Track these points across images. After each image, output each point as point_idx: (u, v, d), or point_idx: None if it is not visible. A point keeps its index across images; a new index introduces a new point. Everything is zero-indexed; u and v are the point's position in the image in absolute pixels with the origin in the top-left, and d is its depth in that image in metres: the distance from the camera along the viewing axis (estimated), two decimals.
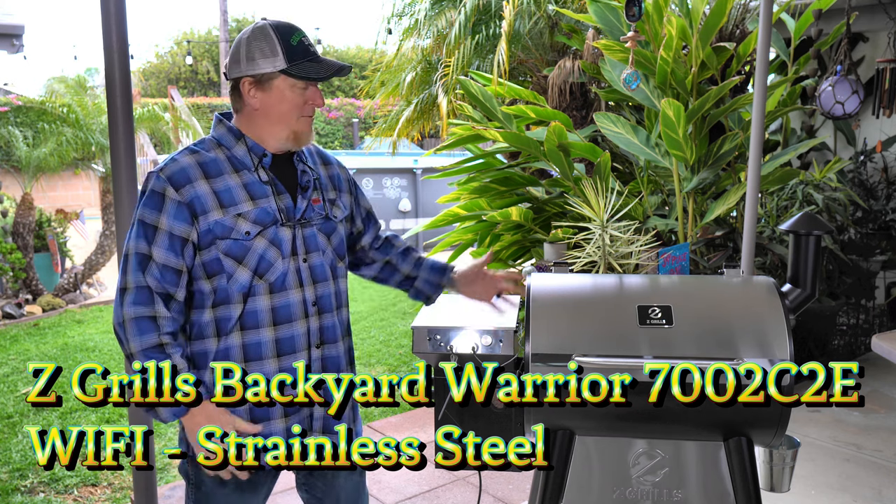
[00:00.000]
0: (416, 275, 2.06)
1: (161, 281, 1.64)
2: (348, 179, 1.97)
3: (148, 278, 1.63)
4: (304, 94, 1.74)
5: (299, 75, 1.69)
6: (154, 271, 1.64)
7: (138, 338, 1.62)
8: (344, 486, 1.95)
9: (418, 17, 6.87)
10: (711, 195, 4.13)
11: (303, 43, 1.72)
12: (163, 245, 1.64)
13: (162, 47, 31.65)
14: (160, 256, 1.64)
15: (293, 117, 1.74)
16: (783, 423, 1.73)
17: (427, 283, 2.06)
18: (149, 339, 1.62)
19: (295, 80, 1.71)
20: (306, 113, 1.75)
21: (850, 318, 5.19)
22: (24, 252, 7.47)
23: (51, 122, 7.81)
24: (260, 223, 1.70)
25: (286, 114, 1.73)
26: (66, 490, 3.45)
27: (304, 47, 1.71)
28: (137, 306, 1.63)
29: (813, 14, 4.76)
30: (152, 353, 1.62)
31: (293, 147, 1.78)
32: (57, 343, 6.09)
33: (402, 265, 2.06)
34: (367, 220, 2.03)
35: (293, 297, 1.73)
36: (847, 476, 3.41)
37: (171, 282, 1.66)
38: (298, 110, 1.74)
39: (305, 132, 1.76)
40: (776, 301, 1.77)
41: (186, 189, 1.66)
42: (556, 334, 1.82)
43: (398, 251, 2.06)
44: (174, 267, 1.66)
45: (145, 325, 1.62)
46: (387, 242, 2.07)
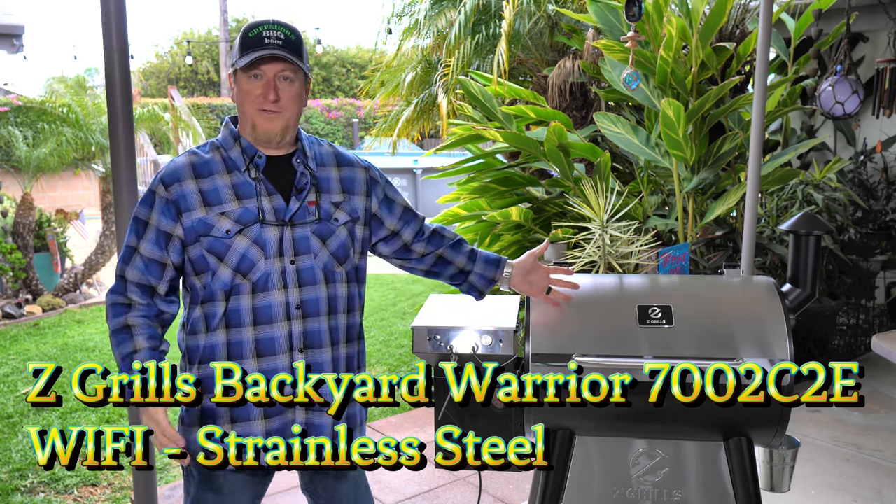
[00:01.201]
0: (471, 269, 1.98)
1: (145, 273, 1.72)
2: (369, 181, 1.89)
3: (130, 270, 1.72)
4: (259, 86, 1.71)
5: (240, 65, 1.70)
6: (139, 263, 1.72)
7: (112, 320, 1.73)
8: (346, 490, 1.94)
9: (418, 17, 6.87)
10: (711, 195, 4.13)
11: (260, 34, 1.69)
12: (150, 240, 1.72)
13: (162, 47, 31.64)
14: (146, 250, 1.72)
15: (250, 110, 1.73)
16: (783, 423, 1.74)
17: (481, 277, 1.99)
18: (119, 320, 1.72)
19: (242, 72, 1.71)
20: (263, 107, 1.71)
21: (850, 318, 5.19)
22: (24, 252, 7.47)
23: (51, 122, 7.81)
24: (241, 222, 1.70)
25: (245, 107, 1.74)
26: (66, 490, 3.46)
27: (259, 38, 1.69)
28: (115, 294, 1.74)
29: (813, 14, 4.76)
30: (120, 333, 1.71)
31: (262, 142, 1.76)
32: (57, 343, 6.09)
33: (455, 258, 1.98)
34: (404, 217, 1.95)
35: (275, 298, 1.72)
36: (847, 476, 3.41)
37: (155, 274, 1.73)
38: (253, 103, 1.72)
39: (265, 128, 1.73)
40: (776, 301, 1.77)
41: (174, 187, 1.71)
42: (556, 334, 1.82)
43: (449, 243, 1.99)
44: (158, 260, 1.73)
45: (118, 310, 1.73)
46: (435, 234, 1.99)
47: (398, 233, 1.95)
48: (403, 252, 1.97)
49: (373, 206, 1.90)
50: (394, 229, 1.94)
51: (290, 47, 1.71)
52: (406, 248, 1.97)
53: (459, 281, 2.00)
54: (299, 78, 1.75)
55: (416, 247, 1.97)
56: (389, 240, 1.95)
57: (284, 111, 1.73)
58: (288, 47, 1.71)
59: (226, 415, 1.74)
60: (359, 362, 1.91)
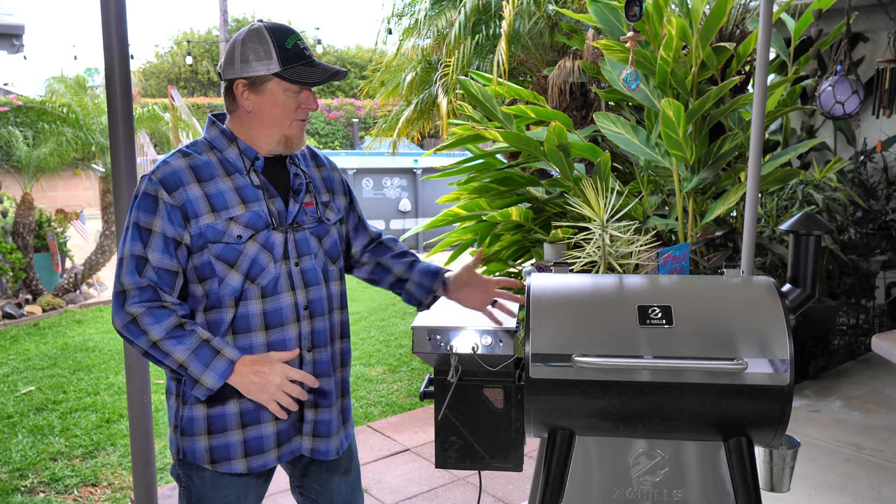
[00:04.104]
0: (408, 277, 2.03)
1: (158, 282, 1.65)
2: (342, 181, 1.96)
3: (145, 280, 1.64)
4: (297, 99, 1.72)
5: (292, 79, 1.68)
6: (150, 273, 1.64)
7: (157, 325, 1.62)
8: (338, 488, 1.95)
9: (418, 17, 6.87)
10: (711, 195, 4.13)
11: (298, 46, 1.70)
12: (158, 248, 1.65)
13: (162, 47, 31.66)
14: (155, 259, 1.65)
15: (286, 121, 1.73)
16: (783, 423, 1.73)
17: (419, 286, 2.02)
18: (169, 322, 1.63)
19: (288, 84, 1.69)
20: (299, 117, 1.74)
21: (850, 318, 5.19)
22: (24, 252, 7.47)
23: (51, 122, 7.81)
24: (252, 227, 1.69)
25: (278, 118, 1.72)
26: (66, 490, 3.45)
27: (298, 50, 1.70)
28: (144, 302, 1.64)
29: (813, 14, 4.76)
30: (175, 332, 1.63)
31: (284, 151, 1.76)
32: (57, 343, 6.09)
33: (394, 267, 2.03)
34: (360, 224, 2.03)
35: (285, 300, 1.73)
36: (847, 476, 3.41)
37: (167, 283, 1.66)
38: (291, 114, 1.72)
39: (297, 137, 1.75)
40: (776, 301, 1.77)
41: (178, 192, 1.66)
42: (556, 334, 1.82)
43: (392, 254, 2.05)
44: (168, 268, 1.66)
45: (160, 313, 1.63)
46: (381, 245, 2.06)
47: (352, 239, 2.02)
48: (349, 258, 2.04)
49: (346, 207, 1.97)
50: (350, 235, 2.01)
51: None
52: (352, 256, 2.03)
53: (399, 289, 2.05)
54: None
55: (362, 257, 2.04)
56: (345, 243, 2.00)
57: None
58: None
59: (236, 418, 1.72)
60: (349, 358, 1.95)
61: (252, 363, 1.65)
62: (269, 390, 1.64)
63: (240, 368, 1.64)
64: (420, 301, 2.04)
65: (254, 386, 1.64)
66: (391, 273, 2.04)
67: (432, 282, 2.01)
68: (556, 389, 1.78)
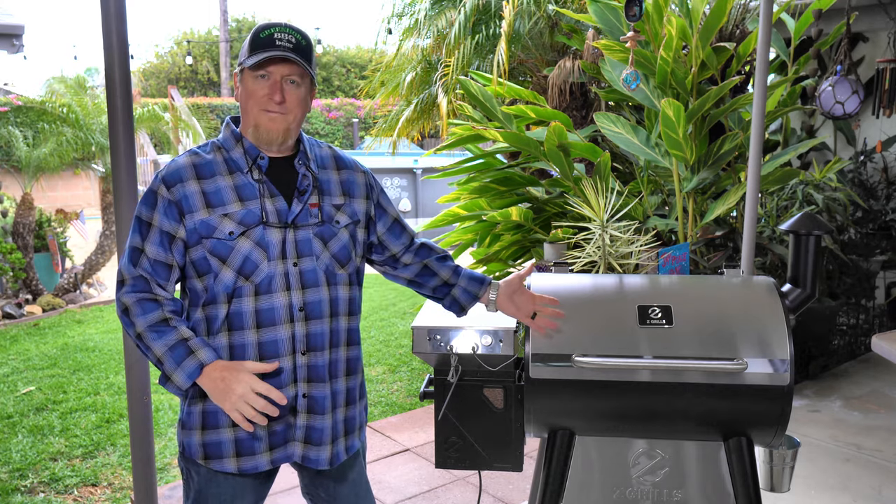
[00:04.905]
0: (455, 282, 1.98)
1: (153, 274, 1.70)
2: (368, 185, 1.91)
3: (140, 270, 1.70)
4: (265, 86, 1.71)
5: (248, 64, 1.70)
6: (145, 265, 1.70)
7: (143, 317, 1.67)
8: (346, 492, 1.94)
9: (418, 17, 6.87)
10: (711, 195, 4.13)
11: (272, 36, 1.70)
12: (154, 241, 1.70)
13: (162, 47, 31.65)
14: (151, 251, 1.70)
15: (254, 109, 1.73)
16: (783, 423, 1.74)
17: (466, 292, 1.98)
18: (153, 315, 1.68)
19: (251, 71, 1.71)
20: (268, 108, 1.72)
21: (850, 318, 5.19)
22: (24, 252, 7.47)
23: (51, 122, 7.81)
24: (245, 224, 1.70)
25: (247, 107, 1.74)
26: (66, 490, 3.45)
27: (271, 40, 1.69)
28: (136, 293, 1.69)
29: (813, 14, 4.76)
30: (159, 326, 1.67)
31: (267, 145, 1.76)
32: (57, 343, 6.09)
33: (440, 270, 1.99)
34: (395, 227, 1.97)
35: (278, 300, 1.72)
36: (847, 476, 3.41)
37: (162, 276, 1.71)
38: (258, 103, 1.72)
39: (266, 127, 1.73)
40: (776, 301, 1.77)
41: (176, 188, 1.70)
42: (556, 334, 1.82)
43: (436, 256, 2.01)
44: (163, 262, 1.71)
45: (148, 305, 1.69)
46: (423, 247, 2.02)
47: (387, 241, 1.97)
48: (391, 261, 1.99)
49: (371, 211, 1.91)
50: (384, 237, 1.96)
51: (301, 51, 1.72)
52: (393, 258, 1.99)
53: (442, 294, 2.00)
54: (305, 83, 1.76)
55: (403, 257, 1.99)
56: (378, 247, 1.97)
57: (288, 113, 1.73)
58: (298, 51, 1.71)
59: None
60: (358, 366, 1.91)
61: (222, 369, 1.66)
62: (231, 399, 1.64)
63: (209, 372, 1.66)
64: (463, 307, 1.99)
65: (217, 392, 1.66)
66: (437, 276, 1.99)
67: (479, 288, 1.97)
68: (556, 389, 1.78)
